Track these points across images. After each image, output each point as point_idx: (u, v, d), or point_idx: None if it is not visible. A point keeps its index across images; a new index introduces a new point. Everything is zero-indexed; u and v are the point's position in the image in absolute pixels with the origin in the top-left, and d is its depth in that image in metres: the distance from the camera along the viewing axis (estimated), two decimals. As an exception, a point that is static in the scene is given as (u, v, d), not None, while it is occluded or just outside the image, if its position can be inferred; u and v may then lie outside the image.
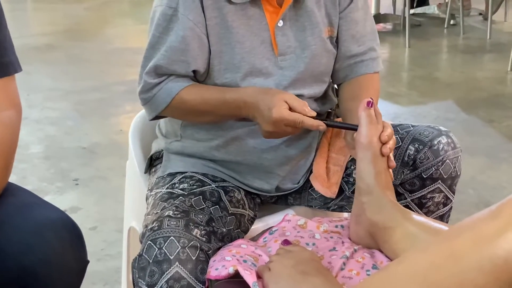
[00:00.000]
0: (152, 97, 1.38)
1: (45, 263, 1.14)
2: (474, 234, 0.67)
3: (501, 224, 0.65)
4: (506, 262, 0.63)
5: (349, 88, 1.49)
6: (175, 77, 1.37)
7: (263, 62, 1.38)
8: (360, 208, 1.22)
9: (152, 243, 1.18)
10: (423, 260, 0.70)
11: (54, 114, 3.80)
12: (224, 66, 1.37)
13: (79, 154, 3.23)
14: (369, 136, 1.23)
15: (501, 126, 3.52)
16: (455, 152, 1.38)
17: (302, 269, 1.05)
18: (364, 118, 1.25)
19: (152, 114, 1.42)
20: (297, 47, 1.41)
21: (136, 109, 1.80)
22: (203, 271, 1.17)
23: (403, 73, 4.82)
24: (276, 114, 1.26)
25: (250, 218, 1.41)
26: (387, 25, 6.12)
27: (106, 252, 2.33)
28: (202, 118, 1.40)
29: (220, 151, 1.43)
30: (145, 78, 1.37)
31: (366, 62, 1.49)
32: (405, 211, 1.19)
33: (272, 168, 1.44)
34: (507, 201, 0.67)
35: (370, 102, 1.26)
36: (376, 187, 1.21)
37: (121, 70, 4.65)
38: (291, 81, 1.40)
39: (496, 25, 5.94)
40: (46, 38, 5.71)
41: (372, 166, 1.22)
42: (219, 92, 1.36)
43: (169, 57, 1.35)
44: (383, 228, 1.17)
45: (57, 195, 2.77)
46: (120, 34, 5.89)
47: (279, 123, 1.28)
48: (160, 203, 1.31)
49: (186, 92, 1.36)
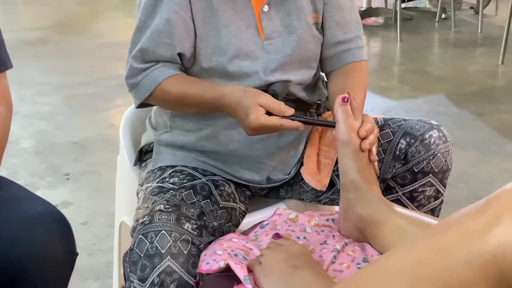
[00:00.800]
0: (137, 83, 1.39)
1: (33, 256, 1.14)
2: (461, 229, 0.67)
3: (488, 219, 0.65)
4: (494, 257, 0.63)
5: (336, 81, 1.49)
6: (161, 65, 1.38)
7: (250, 46, 1.39)
8: (347, 204, 1.22)
9: (143, 237, 1.17)
10: (411, 255, 0.70)
11: (45, 108, 3.79)
12: (211, 50, 1.37)
13: (70, 149, 3.22)
14: (347, 133, 1.22)
15: (492, 119, 3.53)
16: (446, 146, 1.38)
17: (292, 263, 1.05)
18: (340, 115, 1.24)
19: (137, 101, 1.43)
20: (284, 32, 1.42)
21: (127, 103, 1.79)
22: (194, 265, 1.17)
23: (395, 67, 4.82)
24: (254, 122, 1.26)
25: (241, 212, 1.41)
26: (378, 19, 6.12)
27: (98, 247, 2.33)
28: (185, 109, 1.42)
29: (210, 141, 1.43)
30: (131, 63, 1.39)
31: (353, 51, 1.50)
32: (392, 205, 1.19)
33: (262, 158, 1.45)
34: (494, 196, 0.67)
35: (345, 97, 1.25)
36: (360, 183, 1.20)
37: (111, 64, 4.64)
38: (278, 65, 1.41)
39: (487, 19, 5.95)
40: (37, 33, 5.68)
41: (354, 162, 1.22)
42: (199, 88, 1.36)
43: (155, 39, 1.36)
44: (372, 222, 1.17)
45: (48, 190, 2.76)
46: (110, 28, 5.87)
47: (258, 128, 1.28)
48: (151, 197, 1.31)
49: (169, 82, 1.37)
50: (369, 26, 5.82)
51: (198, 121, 1.44)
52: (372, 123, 1.25)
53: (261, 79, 1.39)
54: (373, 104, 3.76)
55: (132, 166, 1.59)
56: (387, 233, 1.13)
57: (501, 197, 0.66)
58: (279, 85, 1.40)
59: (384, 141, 1.41)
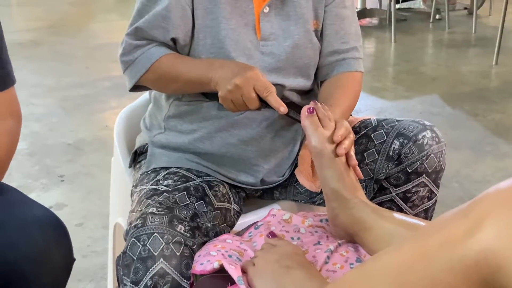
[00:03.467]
0: (133, 61, 1.39)
1: (30, 260, 1.14)
2: (444, 234, 0.67)
3: (470, 224, 0.64)
4: (476, 263, 0.63)
5: (326, 85, 1.49)
6: (156, 44, 1.38)
7: (246, 43, 1.40)
8: (333, 213, 1.21)
9: (136, 240, 1.17)
10: (396, 260, 0.71)
11: (39, 110, 3.78)
12: (210, 41, 1.38)
13: (64, 150, 3.21)
14: (318, 142, 1.21)
15: (486, 119, 3.54)
16: (439, 147, 1.38)
17: (285, 263, 1.05)
18: (308, 127, 1.22)
19: (132, 80, 1.41)
20: (280, 35, 1.42)
21: (121, 105, 1.79)
22: (188, 267, 1.16)
23: (389, 68, 4.83)
24: (251, 73, 1.27)
25: (235, 213, 1.41)
26: (373, 20, 6.13)
27: (92, 248, 2.32)
28: (174, 84, 1.39)
29: (205, 143, 1.43)
30: (126, 39, 1.40)
31: (348, 61, 1.50)
32: (378, 209, 1.18)
33: (256, 160, 1.45)
34: (476, 200, 0.67)
35: (310, 108, 1.24)
36: (341, 191, 1.20)
37: (106, 66, 4.64)
38: (271, 69, 1.41)
39: (481, 19, 5.98)
40: (31, 34, 5.67)
41: (331, 171, 1.20)
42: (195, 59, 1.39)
43: (150, 21, 1.37)
44: (358, 230, 1.16)
45: (42, 191, 2.76)
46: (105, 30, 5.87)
47: (250, 82, 1.26)
48: (144, 200, 1.30)
49: (165, 60, 1.38)
50: (364, 27, 5.83)
51: (192, 122, 1.44)
52: (346, 128, 1.23)
53: None
54: (367, 105, 3.77)
55: (126, 168, 1.59)
56: (374, 239, 1.13)
57: (483, 201, 0.66)
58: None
59: (377, 141, 1.41)
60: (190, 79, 1.36)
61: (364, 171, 1.42)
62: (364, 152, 1.42)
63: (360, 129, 1.47)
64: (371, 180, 1.41)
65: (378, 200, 1.43)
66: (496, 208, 0.64)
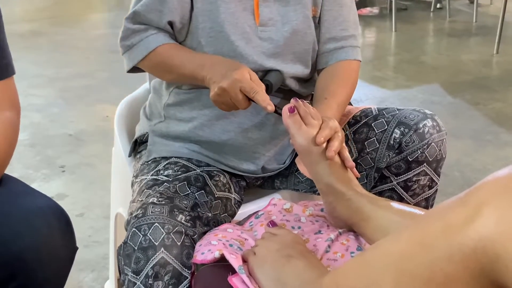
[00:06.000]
0: (131, 46, 1.41)
1: (34, 250, 1.14)
2: (443, 222, 0.67)
3: (469, 212, 0.64)
4: (475, 251, 0.63)
5: (323, 76, 1.48)
6: (155, 31, 1.39)
7: (245, 28, 1.40)
8: (330, 207, 1.21)
9: (137, 230, 1.17)
10: (395, 248, 0.71)
11: (39, 101, 3.78)
12: (209, 25, 1.38)
13: (65, 141, 3.22)
14: (303, 141, 1.20)
15: (487, 108, 3.54)
16: (440, 135, 1.38)
17: (285, 253, 1.06)
18: (291, 127, 1.21)
19: (129, 64, 1.43)
20: (279, 21, 1.42)
21: (121, 95, 1.79)
22: (188, 256, 1.17)
23: (390, 57, 4.82)
24: (238, 74, 1.27)
25: (236, 202, 1.41)
26: (373, 9, 6.12)
27: (94, 238, 2.33)
28: (168, 75, 1.43)
29: (205, 131, 1.44)
30: (125, 24, 1.41)
31: (346, 49, 1.49)
32: (375, 199, 1.18)
33: (257, 147, 1.45)
34: (474, 188, 0.67)
35: (290, 107, 1.23)
36: (336, 184, 1.19)
37: (106, 56, 4.63)
38: (270, 54, 1.41)
39: (482, 8, 5.96)
40: (30, 25, 5.66)
41: (321, 166, 1.20)
42: (192, 51, 1.40)
43: (148, 4, 1.38)
44: (356, 221, 1.16)
45: (43, 182, 2.76)
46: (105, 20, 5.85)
47: (235, 84, 1.27)
48: (145, 191, 1.31)
49: (163, 47, 1.39)
50: (364, 16, 5.82)
51: (192, 110, 1.44)
52: (330, 128, 1.21)
53: (256, 63, 1.39)
54: (368, 94, 3.77)
55: (127, 158, 1.59)
56: (372, 228, 1.13)
57: (481, 190, 0.66)
58: (274, 75, 1.40)
59: (378, 130, 1.41)
60: (184, 73, 1.38)
61: (364, 160, 1.42)
62: (365, 141, 1.42)
63: (361, 118, 1.46)
64: (371, 169, 1.41)
65: (378, 189, 1.43)
66: (494, 196, 0.64)
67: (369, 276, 0.72)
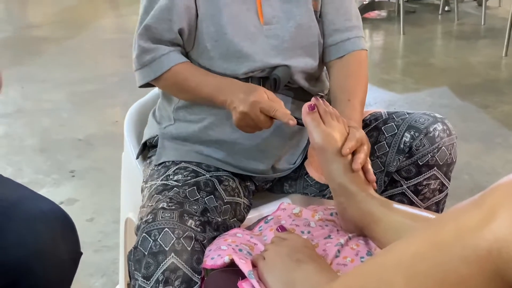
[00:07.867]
0: (145, 64, 1.41)
1: (37, 255, 1.14)
2: (457, 224, 0.66)
3: (483, 214, 0.64)
4: (489, 253, 0.62)
5: (336, 74, 1.49)
6: (169, 50, 1.39)
7: (250, 28, 1.40)
8: (341, 208, 1.22)
9: (147, 235, 1.18)
10: (408, 250, 0.70)
11: (49, 106, 3.79)
12: (213, 29, 1.39)
13: (75, 145, 3.22)
14: (321, 139, 1.21)
15: (496, 111, 3.52)
16: (450, 139, 1.38)
17: (295, 257, 1.06)
18: (309, 124, 1.23)
19: (142, 81, 1.44)
20: (283, 17, 1.43)
21: (130, 100, 1.80)
22: (199, 261, 1.17)
23: (398, 60, 4.81)
24: (255, 96, 1.29)
25: (245, 207, 1.41)
26: (381, 12, 6.11)
27: (103, 243, 2.33)
28: (184, 95, 1.44)
29: (215, 130, 1.44)
30: (138, 41, 1.41)
31: (353, 40, 1.50)
32: (387, 202, 1.18)
33: (267, 146, 1.45)
34: (489, 190, 0.66)
35: (311, 105, 1.24)
36: (348, 185, 1.19)
37: (114, 60, 4.64)
38: (277, 50, 1.42)
39: (491, 10, 5.94)
40: (40, 30, 5.68)
41: (336, 166, 1.21)
42: (206, 73, 1.40)
43: (157, 16, 1.38)
44: (367, 223, 1.16)
45: (53, 187, 2.77)
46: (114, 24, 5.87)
47: (255, 106, 1.28)
48: (155, 196, 1.31)
49: (177, 68, 1.39)
50: (372, 20, 5.81)
51: (201, 111, 1.45)
52: (357, 140, 1.23)
53: (262, 61, 1.40)
54: (376, 98, 3.76)
55: (136, 163, 1.59)
56: (383, 231, 1.13)
57: (496, 192, 0.65)
58: (281, 69, 1.41)
59: (388, 134, 1.41)
60: (201, 96, 1.39)
61: (374, 164, 1.42)
62: (375, 144, 1.42)
63: (371, 122, 1.46)
64: (381, 173, 1.41)
65: (389, 193, 1.43)
66: (509, 197, 0.63)
67: (380, 276, 0.72)
